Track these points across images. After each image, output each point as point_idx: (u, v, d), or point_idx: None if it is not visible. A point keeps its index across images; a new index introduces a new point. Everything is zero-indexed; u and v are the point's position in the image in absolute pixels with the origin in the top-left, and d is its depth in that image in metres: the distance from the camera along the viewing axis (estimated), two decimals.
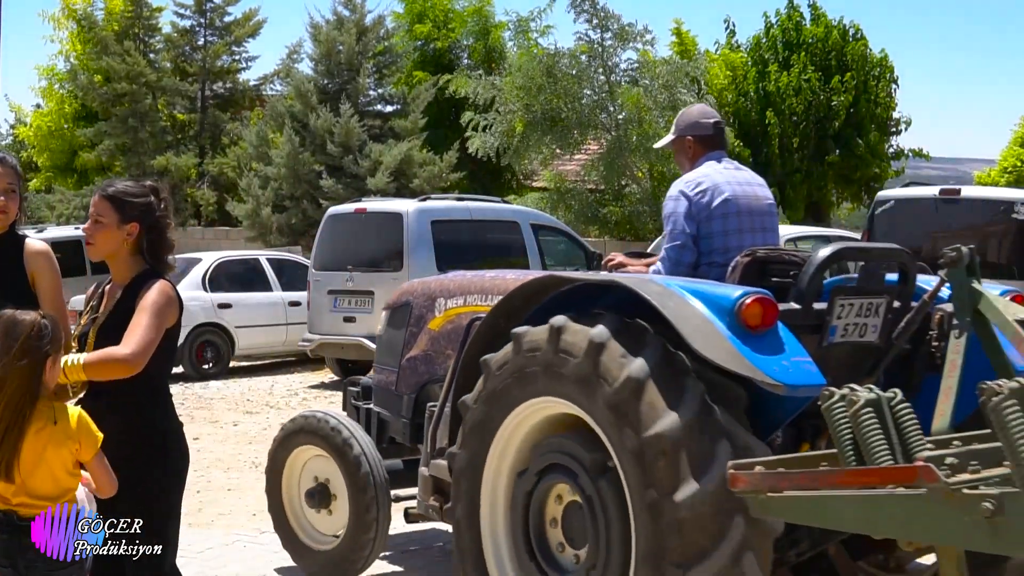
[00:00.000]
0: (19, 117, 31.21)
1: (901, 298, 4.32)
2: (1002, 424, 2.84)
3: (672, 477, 3.60)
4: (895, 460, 3.07)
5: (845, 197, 26.92)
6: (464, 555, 4.42)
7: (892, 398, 3.18)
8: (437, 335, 5.45)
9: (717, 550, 3.58)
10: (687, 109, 5.00)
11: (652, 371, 3.71)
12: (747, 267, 4.25)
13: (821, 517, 3.31)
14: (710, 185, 4.51)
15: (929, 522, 2.98)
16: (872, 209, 11.31)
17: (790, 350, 3.78)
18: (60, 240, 19.34)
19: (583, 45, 19.11)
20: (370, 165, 20.44)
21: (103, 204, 3.87)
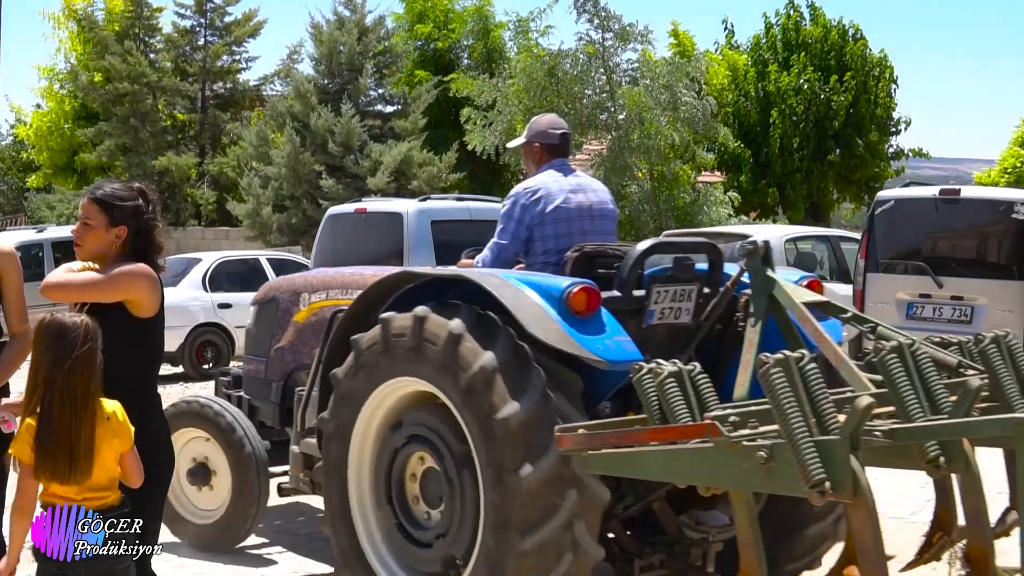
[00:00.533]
0: (19, 117, 31.24)
1: (710, 285, 4.94)
2: (770, 388, 3.43)
3: (516, 455, 4.17)
4: (693, 420, 3.60)
5: (845, 197, 26.92)
6: (332, 506, 4.99)
7: (692, 370, 3.71)
8: (302, 327, 6.01)
9: (553, 518, 4.15)
10: (539, 117, 5.45)
11: (501, 362, 4.26)
12: (576, 262, 4.85)
13: (632, 469, 3.91)
14: (544, 193, 5.07)
15: (717, 469, 3.55)
16: (872, 209, 11.31)
17: (611, 331, 4.38)
18: (60, 240, 19.37)
19: (587, 45, 19.11)
20: (370, 165, 20.45)
21: (92, 207, 3.95)
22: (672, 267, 4.96)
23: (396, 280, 4.97)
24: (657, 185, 19.28)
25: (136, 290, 3.84)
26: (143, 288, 3.86)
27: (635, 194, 19.15)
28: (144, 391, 3.90)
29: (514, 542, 4.20)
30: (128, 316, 3.83)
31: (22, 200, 34.71)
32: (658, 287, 4.81)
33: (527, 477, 4.16)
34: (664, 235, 13.94)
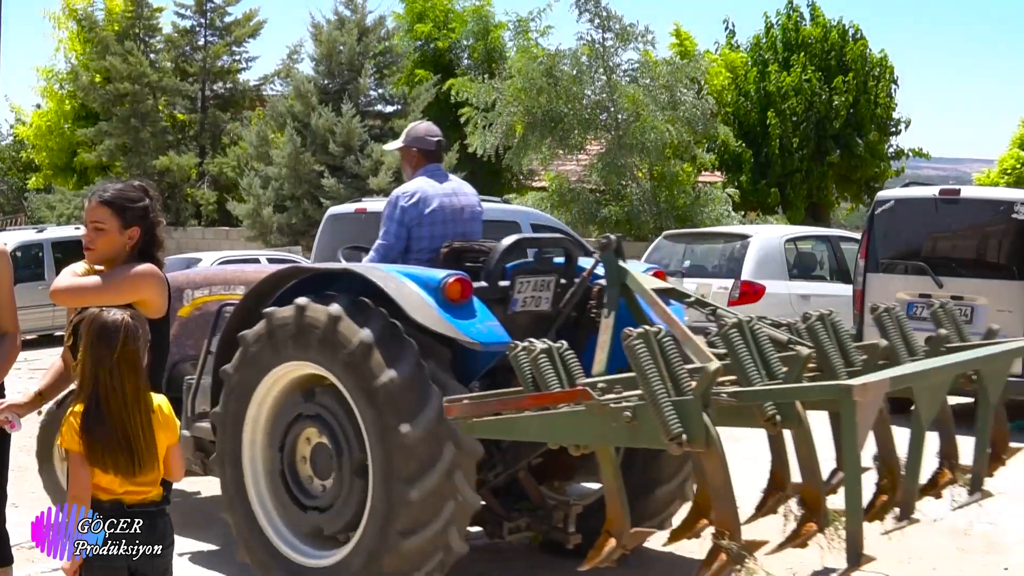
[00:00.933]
0: (19, 117, 31.23)
1: (566, 276, 5.57)
2: (634, 356, 4.03)
3: (397, 415, 4.70)
4: (562, 388, 4.22)
5: (845, 197, 26.92)
6: (229, 492, 5.44)
7: (560, 347, 4.31)
8: (186, 321, 6.36)
9: (434, 468, 4.70)
10: (416, 124, 6.03)
11: (377, 337, 4.78)
12: (447, 256, 5.47)
13: (513, 432, 4.54)
14: (422, 196, 5.63)
15: (588, 429, 4.17)
16: (872, 209, 11.29)
17: (482, 317, 4.95)
18: (61, 240, 19.36)
19: (585, 46, 19.10)
20: (371, 165, 20.44)
21: (103, 210, 3.89)
22: (533, 260, 5.60)
23: (284, 275, 5.42)
24: (657, 185, 19.27)
25: (147, 291, 3.86)
26: (153, 289, 3.87)
27: (635, 194, 19.14)
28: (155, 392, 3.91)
29: (402, 493, 4.70)
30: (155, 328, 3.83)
31: (22, 200, 34.70)
32: (521, 278, 5.42)
33: (408, 433, 4.67)
34: (664, 235, 13.94)
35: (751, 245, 12.43)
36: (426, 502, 4.70)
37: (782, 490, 4.99)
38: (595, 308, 5.48)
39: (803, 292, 12.50)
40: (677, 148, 19.23)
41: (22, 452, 8.50)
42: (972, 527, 6.79)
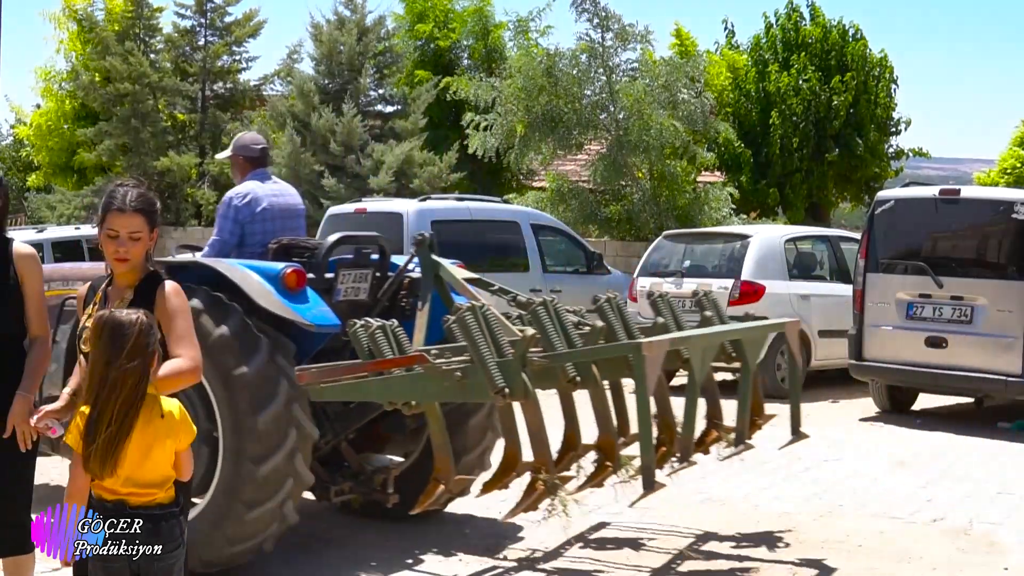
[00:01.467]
0: (19, 117, 31.21)
1: (380, 270, 6.38)
2: (464, 326, 5.09)
3: (251, 403, 5.29)
4: (396, 355, 5.28)
5: (845, 197, 26.90)
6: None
7: (392, 324, 5.43)
8: None
9: (279, 450, 5.33)
10: (243, 135, 6.87)
11: (233, 332, 5.32)
12: (276, 252, 6.07)
13: (358, 394, 5.54)
14: (253, 197, 6.29)
15: (424, 388, 5.24)
16: (872, 209, 11.29)
17: (315, 303, 5.63)
18: (61, 240, 19.37)
19: (583, 44, 19.09)
20: (372, 165, 20.44)
21: (138, 220, 3.85)
22: (353, 255, 6.29)
23: None
24: (657, 184, 19.26)
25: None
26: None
27: (635, 194, 19.14)
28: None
29: (251, 471, 5.30)
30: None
31: (22, 200, 34.68)
32: (343, 271, 6.17)
33: (261, 419, 5.28)
34: (664, 235, 13.95)
35: (751, 245, 12.44)
36: (269, 479, 5.33)
37: (574, 449, 5.70)
38: (405, 297, 6.42)
39: (803, 292, 12.51)
40: (676, 149, 19.21)
41: None
42: (972, 527, 6.80)
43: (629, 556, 6.16)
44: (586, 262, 14.59)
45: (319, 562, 5.97)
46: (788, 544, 6.37)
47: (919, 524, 6.88)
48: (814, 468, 8.48)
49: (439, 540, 6.37)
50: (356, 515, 6.76)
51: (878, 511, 7.18)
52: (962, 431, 10.18)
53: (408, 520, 6.31)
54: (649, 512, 6.96)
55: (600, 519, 6.88)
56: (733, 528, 6.69)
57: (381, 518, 6.60)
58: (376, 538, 6.40)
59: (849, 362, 11.11)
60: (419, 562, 6.01)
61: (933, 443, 9.62)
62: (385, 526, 6.56)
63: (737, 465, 8.49)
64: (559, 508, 5.41)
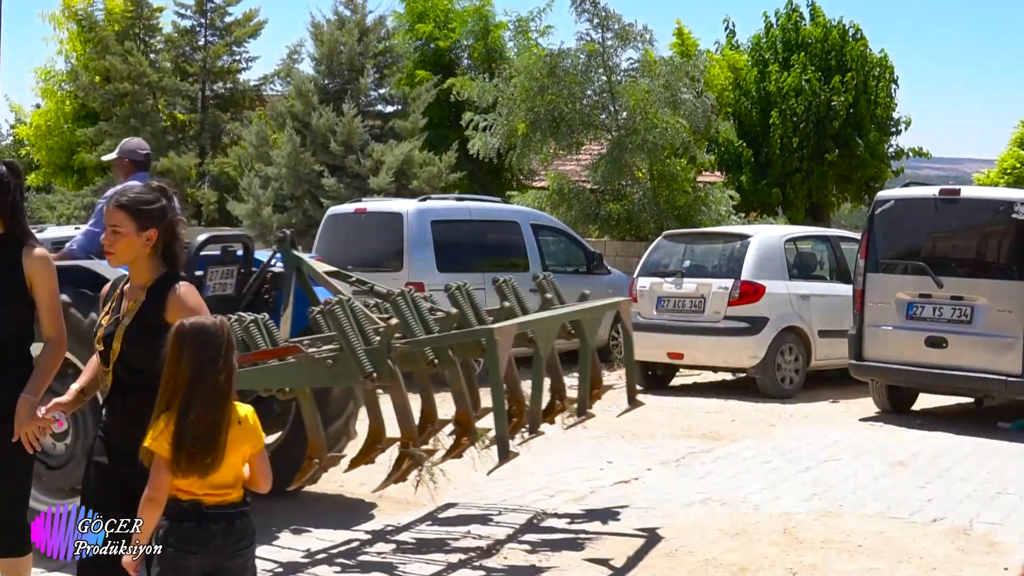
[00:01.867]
0: (19, 117, 31.20)
1: (245, 266, 6.86)
2: (334, 317, 5.63)
3: None
4: (269, 346, 5.78)
5: (845, 197, 26.90)
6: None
7: (264, 318, 5.93)
8: None
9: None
10: (128, 140, 7.35)
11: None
12: None
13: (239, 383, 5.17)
14: None
15: (299, 375, 5.77)
16: (872, 209, 11.29)
17: None
18: (61, 240, 19.34)
19: (588, 44, 19.08)
20: (372, 165, 20.44)
21: (119, 214, 3.93)
22: (220, 253, 6.71)
23: None
24: (657, 184, 19.26)
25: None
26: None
27: (635, 194, 19.13)
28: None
29: None
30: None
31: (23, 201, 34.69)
32: (211, 268, 6.59)
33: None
34: (664, 235, 13.94)
35: (751, 245, 12.44)
36: None
37: (432, 424, 6.19)
38: (269, 291, 6.89)
39: (803, 292, 12.51)
40: (677, 149, 19.20)
41: None
42: (972, 527, 6.80)
43: (629, 557, 6.16)
44: (586, 262, 14.59)
45: None
46: (788, 544, 6.37)
47: (919, 524, 6.88)
48: (814, 468, 8.48)
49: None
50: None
51: (878, 511, 7.18)
52: (962, 431, 10.17)
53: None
54: (649, 512, 6.96)
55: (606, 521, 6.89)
56: (733, 528, 6.69)
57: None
58: None
59: (849, 362, 11.10)
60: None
61: (933, 443, 9.62)
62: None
63: (737, 465, 8.50)
64: (427, 478, 5.94)
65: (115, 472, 3.88)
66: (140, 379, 3.79)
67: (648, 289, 12.76)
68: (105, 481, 3.92)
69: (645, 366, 12.71)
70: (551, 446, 9.10)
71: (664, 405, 11.37)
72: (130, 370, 3.84)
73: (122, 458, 3.81)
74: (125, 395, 3.86)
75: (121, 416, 3.85)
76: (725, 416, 10.83)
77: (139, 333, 3.83)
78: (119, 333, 3.86)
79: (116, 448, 3.89)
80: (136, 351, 3.82)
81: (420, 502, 7.04)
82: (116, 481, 3.86)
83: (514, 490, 7.56)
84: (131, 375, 3.84)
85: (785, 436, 9.75)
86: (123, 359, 3.84)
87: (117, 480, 3.86)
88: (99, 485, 3.93)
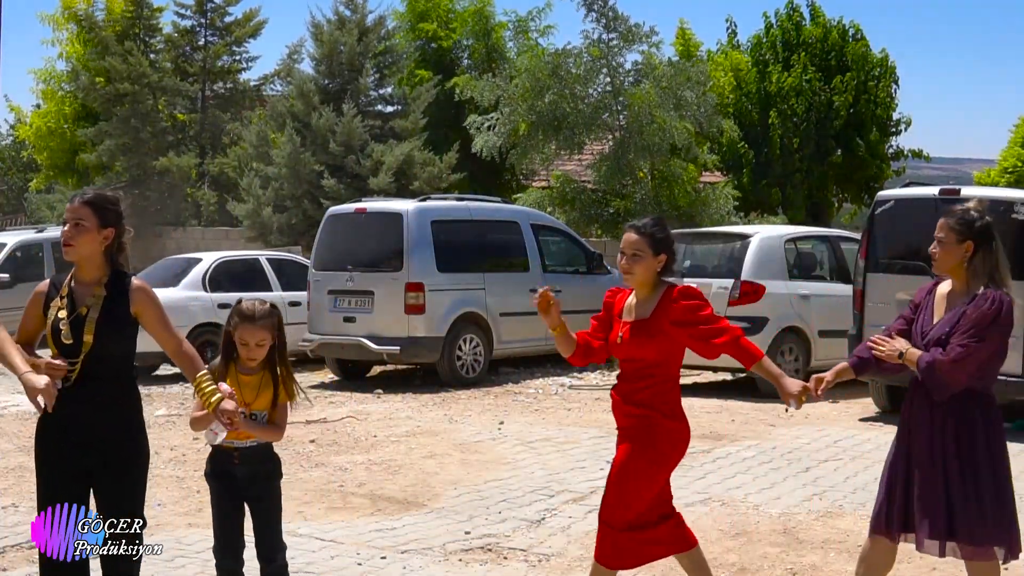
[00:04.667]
0: (19, 118, 31.21)
1: None
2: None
3: None
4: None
5: (845, 198, 26.91)
6: None
7: None
8: None
9: None
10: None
11: None
12: None
13: None
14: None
15: None
16: (872, 209, 11.28)
17: None
18: (60, 240, 19.34)
19: (594, 49, 19.05)
20: (371, 165, 20.44)
21: (84, 209, 4.10)
22: None
23: None
24: (658, 184, 19.26)
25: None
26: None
27: (637, 194, 19.12)
28: (134, 386, 4.23)
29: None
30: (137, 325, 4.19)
31: (22, 200, 34.66)
32: None
33: None
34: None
35: (751, 245, 12.43)
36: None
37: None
38: None
39: (803, 292, 12.50)
40: (679, 150, 19.19)
41: (21, 452, 8.49)
42: None
43: None
44: (586, 262, 14.58)
45: None
46: (788, 544, 6.37)
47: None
48: (814, 468, 8.47)
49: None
50: None
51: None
52: None
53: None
54: None
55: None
56: (733, 528, 6.69)
57: None
58: None
59: None
60: None
61: None
62: None
63: (737, 465, 8.49)
64: None
65: (76, 465, 4.00)
66: (110, 369, 4.01)
67: None
68: (63, 478, 4.01)
69: None
70: (551, 446, 9.11)
71: None
72: (101, 361, 4.00)
73: (83, 450, 3.96)
74: (97, 384, 4.00)
75: (89, 405, 3.97)
76: (725, 416, 10.82)
77: (108, 325, 4.01)
78: (88, 327, 3.99)
79: (78, 442, 3.98)
80: (107, 342, 4.00)
81: (420, 502, 7.04)
82: (78, 473, 4.00)
83: (514, 490, 7.56)
84: (102, 366, 4.00)
85: (785, 436, 9.74)
86: (94, 351, 3.98)
87: (80, 473, 4.00)
88: (58, 483, 4.01)
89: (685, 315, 4.52)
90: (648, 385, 4.54)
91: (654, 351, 4.54)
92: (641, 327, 4.55)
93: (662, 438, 4.54)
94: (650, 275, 4.56)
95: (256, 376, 4.40)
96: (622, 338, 4.58)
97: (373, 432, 9.74)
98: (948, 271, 4.56)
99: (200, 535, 6.47)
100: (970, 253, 4.45)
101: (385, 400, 11.87)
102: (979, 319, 4.30)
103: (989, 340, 4.31)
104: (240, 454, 4.35)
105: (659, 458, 4.56)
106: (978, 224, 4.46)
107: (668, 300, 4.55)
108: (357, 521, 6.78)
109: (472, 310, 13.05)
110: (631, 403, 4.57)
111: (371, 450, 8.90)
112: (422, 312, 12.64)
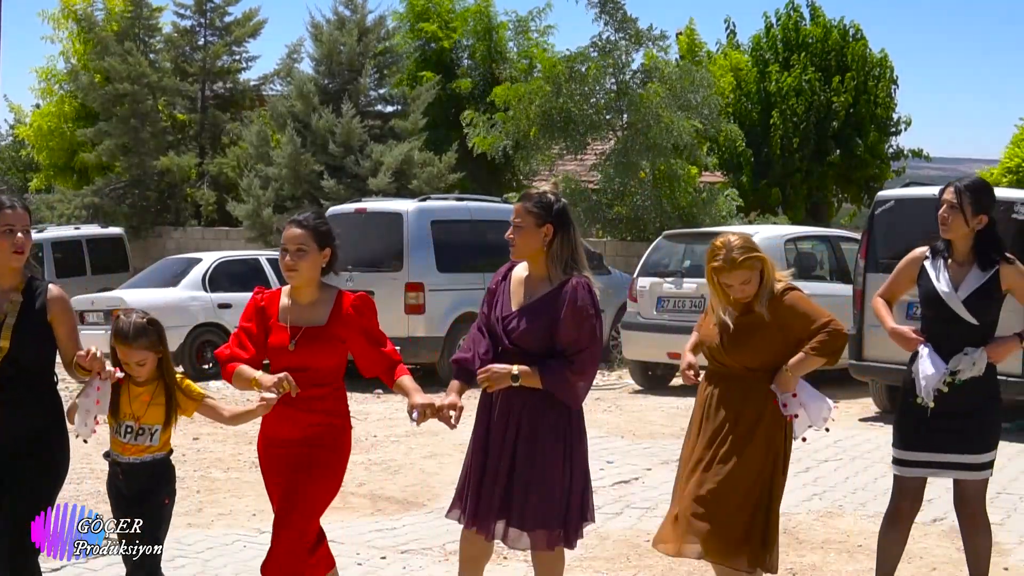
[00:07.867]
0: (19, 117, 31.19)
1: None
2: None
3: None
4: None
5: (845, 197, 26.92)
6: None
7: None
8: None
9: None
10: None
11: None
12: None
13: None
14: None
15: None
16: (872, 209, 11.27)
17: None
18: (61, 240, 19.36)
19: (605, 54, 19.05)
20: (371, 165, 20.43)
21: (27, 216, 4.29)
22: None
23: None
24: (660, 185, 19.26)
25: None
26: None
27: (638, 194, 19.13)
28: (54, 389, 4.25)
29: None
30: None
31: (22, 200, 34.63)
32: None
33: None
34: (664, 235, 13.91)
35: None
36: None
37: None
38: None
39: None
40: (681, 151, 19.20)
41: None
42: None
43: (629, 557, 6.16)
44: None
45: None
46: (788, 544, 6.36)
47: (919, 524, 6.86)
48: (814, 468, 8.47)
49: None
50: None
51: (878, 511, 7.15)
52: None
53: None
54: (649, 512, 6.95)
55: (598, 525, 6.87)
56: None
57: None
58: None
59: (849, 362, 11.07)
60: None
61: None
62: None
63: None
64: None
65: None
66: (26, 373, 4.07)
67: (648, 289, 12.74)
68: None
69: (645, 366, 12.68)
70: None
71: (664, 405, 11.35)
72: (18, 365, 4.04)
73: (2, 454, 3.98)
74: (13, 388, 4.04)
75: (7, 408, 4.01)
76: None
77: (25, 331, 4.06)
78: (5, 332, 4.05)
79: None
80: (24, 348, 4.05)
81: (420, 502, 7.04)
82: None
83: None
84: (18, 370, 4.05)
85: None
86: (11, 355, 4.03)
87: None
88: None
89: (373, 329, 4.49)
90: (326, 394, 4.41)
91: (329, 359, 4.39)
92: (316, 335, 4.36)
93: (348, 445, 4.59)
94: (315, 272, 4.39)
95: (148, 388, 4.17)
96: (295, 345, 4.36)
97: (373, 432, 9.73)
98: (526, 257, 4.49)
99: (200, 535, 6.47)
100: (549, 237, 4.40)
101: (385, 400, 11.86)
102: (581, 319, 4.34)
103: (598, 330, 4.41)
104: (123, 470, 4.16)
105: (342, 466, 4.60)
106: (556, 207, 4.41)
107: (342, 308, 4.42)
108: (357, 521, 6.78)
109: (472, 310, 13.03)
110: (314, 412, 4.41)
111: (371, 450, 8.89)
112: (422, 312, 12.64)
